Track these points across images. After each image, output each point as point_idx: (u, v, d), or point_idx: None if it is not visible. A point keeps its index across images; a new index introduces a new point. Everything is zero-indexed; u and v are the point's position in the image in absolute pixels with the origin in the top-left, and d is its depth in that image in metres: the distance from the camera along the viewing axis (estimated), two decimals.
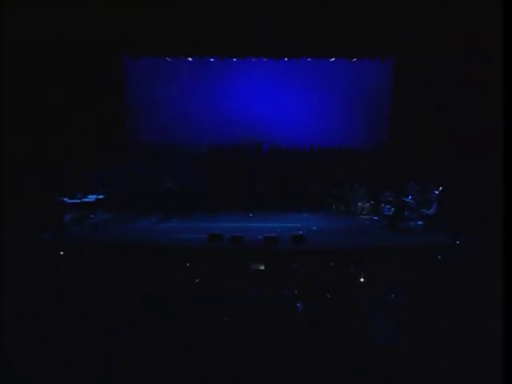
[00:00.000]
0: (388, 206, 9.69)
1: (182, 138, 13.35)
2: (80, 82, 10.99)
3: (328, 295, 4.46)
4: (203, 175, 11.84)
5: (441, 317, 3.90)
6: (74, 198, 9.22)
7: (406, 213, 9.21)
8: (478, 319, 3.23)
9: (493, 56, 7.33)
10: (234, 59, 12.64)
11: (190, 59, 12.71)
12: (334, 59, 12.35)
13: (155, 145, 13.27)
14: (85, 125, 11.22)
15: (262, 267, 5.83)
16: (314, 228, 8.82)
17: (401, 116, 12.24)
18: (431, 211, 8.53)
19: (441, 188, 8.66)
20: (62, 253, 6.16)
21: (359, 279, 5.11)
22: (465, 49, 9.06)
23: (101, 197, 9.96)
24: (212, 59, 12.61)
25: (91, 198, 9.70)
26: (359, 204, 10.23)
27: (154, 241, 7.71)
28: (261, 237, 7.50)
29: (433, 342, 3.56)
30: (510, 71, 3.89)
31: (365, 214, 10.09)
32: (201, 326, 3.76)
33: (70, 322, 3.71)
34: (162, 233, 8.39)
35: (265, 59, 12.58)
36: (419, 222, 8.87)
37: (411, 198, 9.24)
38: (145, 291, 4.55)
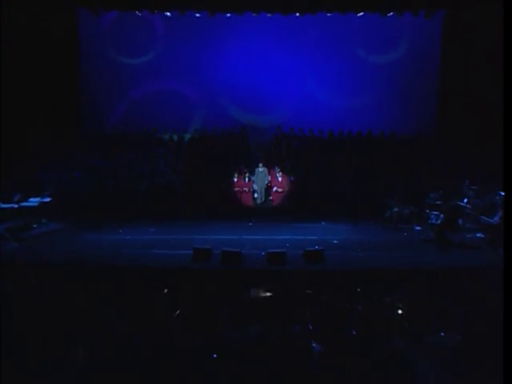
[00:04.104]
0: (435, 213, 9.64)
1: (157, 122, 13.36)
2: (19, 48, 10.97)
3: (354, 332, 4.45)
4: (186, 170, 11.85)
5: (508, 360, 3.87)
6: (9, 202, 9.22)
7: (459, 222, 9.19)
8: None
9: None
10: (228, 14, 12.64)
11: (169, 14, 12.72)
12: (362, 14, 12.36)
13: (121, 131, 13.30)
14: (28, 107, 11.21)
15: (266, 294, 5.85)
16: (335, 241, 8.84)
17: (453, 91, 12.21)
18: (495, 220, 8.50)
19: None
20: None
21: (396, 312, 5.11)
22: None
23: (47, 200, 9.97)
24: (198, 14, 12.60)
25: (33, 201, 9.69)
26: (395, 209, 10.21)
27: (118, 259, 7.70)
28: (264, 253, 7.50)
29: None
30: None
31: (403, 223, 10.08)
32: (181, 377, 3.74)
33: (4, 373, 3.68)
34: (130, 248, 8.36)
35: (269, 15, 12.57)
36: (478, 235, 8.83)
37: (467, 202, 9.21)
38: (107, 329, 4.53)
